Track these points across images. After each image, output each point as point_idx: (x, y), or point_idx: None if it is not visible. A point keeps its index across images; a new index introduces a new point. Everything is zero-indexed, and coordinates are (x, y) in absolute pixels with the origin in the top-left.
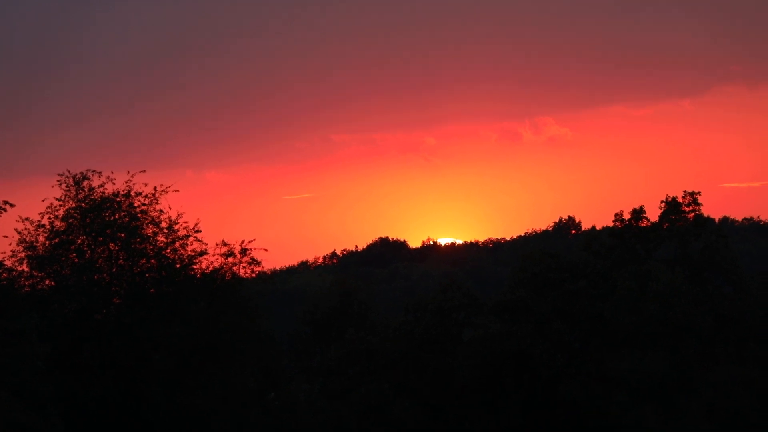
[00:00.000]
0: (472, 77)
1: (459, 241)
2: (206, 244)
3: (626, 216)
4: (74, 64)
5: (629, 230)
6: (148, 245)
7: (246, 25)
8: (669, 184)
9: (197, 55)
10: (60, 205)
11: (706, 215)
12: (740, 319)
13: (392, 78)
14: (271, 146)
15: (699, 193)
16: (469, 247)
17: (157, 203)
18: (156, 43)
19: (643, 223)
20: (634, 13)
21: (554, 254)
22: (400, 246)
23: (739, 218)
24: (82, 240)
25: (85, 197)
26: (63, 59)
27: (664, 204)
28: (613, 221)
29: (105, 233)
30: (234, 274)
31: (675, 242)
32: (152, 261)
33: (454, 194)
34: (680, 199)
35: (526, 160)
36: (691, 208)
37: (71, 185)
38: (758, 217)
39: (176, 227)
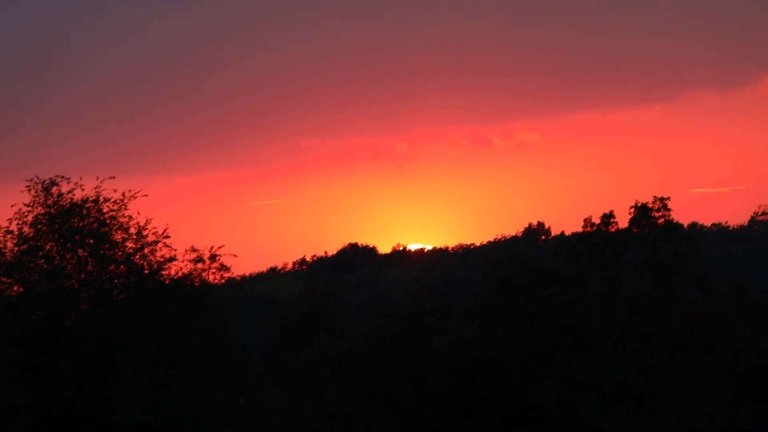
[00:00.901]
0: (443, 83)
1: (429, 247)
2: (175, 250)
3: (596, 221)
4: (43, 69)
5: (598, 235)
6: (117, 251)
7: (216, 33)
8: (638, 190)
9: (167, 62)
10: (28, 211)
11: (675, 221)
12: (709, 325)
13: (363, 83)
14: (242, 152)
15: (669, 198)
16: (439, 253)
17: (126, 209)
18: (126, 49)
19: (613, 229)
20: (604, 19)
21: (523, 259)
22: (370, 252)
23: (708, 224)
24: (50, 246)
25: (54, 203)
26: (32, 64)
27: (633, 209)
28: (583, 227)
29: (74, 239)
30: (203, 280)
31: (645, 248)
32: (121, 267)
33: (425, 200)
34: (650, 205)
35: (497, 166)
36: (661, 213)
37: (40, 191)
38: (726, 222)
39: (145, 233)
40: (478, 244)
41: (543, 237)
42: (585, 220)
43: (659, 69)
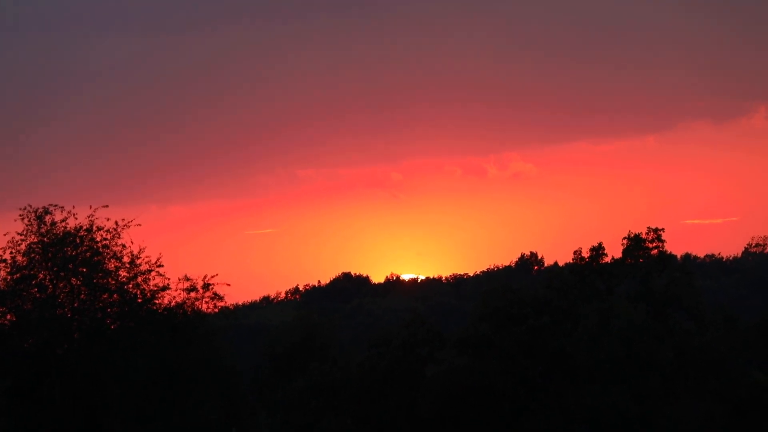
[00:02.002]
0: (438, 113)
1: (422, 277)
2: (168, 279)
3: (585, 254)
4: (38, 99)
5: (590, 267)
6: (110, 280)
7: (211, 64)
8: (632, 220)
9: (162, 93)
10: (22, 240)
11: (668, 252)
12: (702, 355)
13: (358, 113)
14: (236, 181)
15: (662, 229)
16: (432, 283)
17: (119, 238)
18: (121, 80)
19: (603, 260)
20: (599, 51)
21: (516, 289)
22: (363, 281)
23: (701, 255)
24: (44, 275)
25: (47, 232)
26: (25, 94)
27: (626, 240)
28: (573, 259)
29: (67, 268)
30: (196, 309)
31: (638, 278)
32: (114, 296)
33: (419, 229)
34: (644, 236)
35: (491, 196)
36: (654, 244)
37: (33, 220)
38: (720, 253)
39: (138, 262)
40: (471, 274)
41: (536, 267)
42: (575, 252)
43: (654, 100)
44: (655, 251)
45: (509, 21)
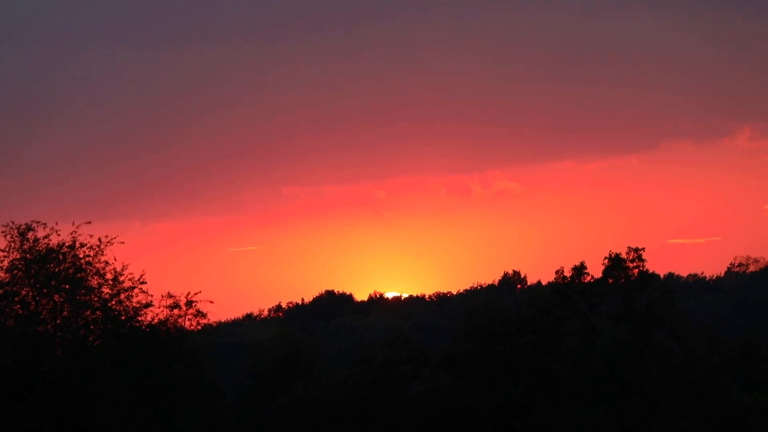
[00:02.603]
0: (423, 131)
1: (405, 295)
2: (152, 296)
3: (567, 273)
4: (21, 115)
5: (572, 286)
6: (93, 297)
7: (196, 81)
8: (616, 239)
9: (146, 110)
10: (4, 256)
11: (651, 271)
12: (685, 375)
13: (343, 131)
14: (221, 198)
15: (643, 249)
16: (416, 301)
17: (102, 254)
18: (104, 97)
19: (586, 279)
20: (583, 70)
21: (499, 308)
22: (347, 299)
23: (684, 274)
24: (26, 291)
25: (30, 248)
26: (8, 110)
27: (607, 260)
28: (555, 278)
29: (50, 285)
30: (179, 326)
31: (619, 298)
32: (97, 312)
33: (403, 247)
34: (624, 255)
35: (475, 214)
36: (635, 264)
37: (16, 236)
38: (703, 273)
39: (121, 279)
40: (454, 292)
41: (519, 286)
42: (557, 271)
43: (637, 120)
44: (635, 271)
45: (495, 40)
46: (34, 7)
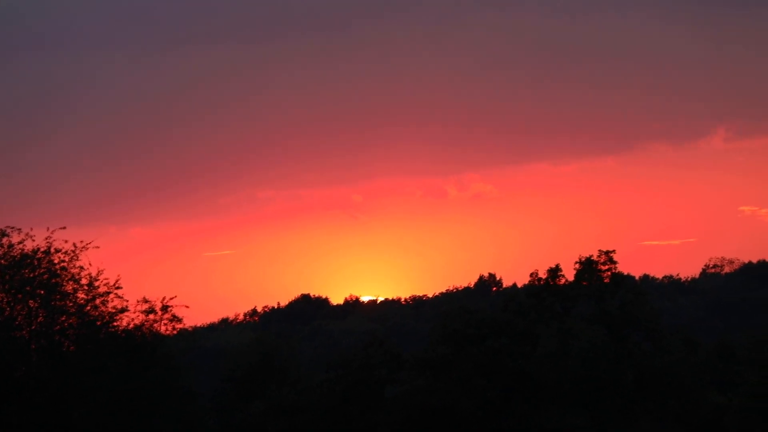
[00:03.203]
0: (399, 135)
1: (381, 298)
2: (127, 301)
3: (542, 275)
4: None
5: (547, 289)
6: (68, 302)
7: (172, 87)
8: (592, 241)
9: (121, 114)
10: None
11: (626, 273)
12: (661, 377)
13: (319, 135)
14: (197, 202)
15: (614, 251)
16: (392, 304)
17: (77, 260)
18: (81, 102)
19: (561, 281)
20: (558, 72)
21: (474, 310)
22: (322, 303)
23: (660, 276)
24: (1, 297)
25: (4, 254)
26: None
27: (579, 264)
28: (530, 281)
29: (24, 290)
30: (155, 331)
31: (593, 300)
32: (73, 318)
33: (379, 251)
34: (595, 258)
35: (451, 217)
36: (607, 266)
37: None
38: (678, 275)
39: (97, 284)
40: (430, 295)
41: (495, 288)
42: (531, 274)
43: (613, 122)
44: (608, 273)
45: (471, 43)
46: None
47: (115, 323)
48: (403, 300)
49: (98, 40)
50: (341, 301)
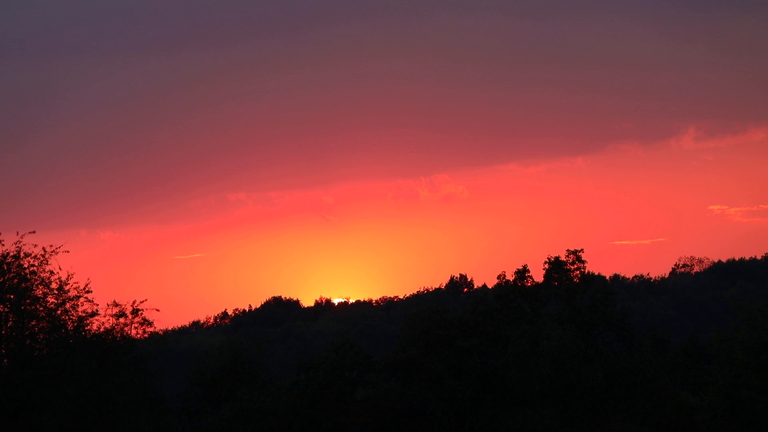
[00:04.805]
0: (370, 137)
1: (352, 300)
2: (97, 305)
3: (510, 276)
4: None
5: (515, 290)
6: (38, 306)
7: (143, 91)
8: (562, 241)
9: (91, 119)
10: None
11: (596, 273)
12: (630, 377)
13: (290, 138)
14: (168, 206)
15: (582, 251)
16: (363, 306)
17: (47, 264)
18: (46, 106)
19: (529, 283)
20: (528, 73)
21: (442, 311)
22: (293, 305)
23: (630, 275)
24: None
25: None
26: None
27: (547, 264)
28: (497, 282)
29: None
30: (125, 335)
31: (562, 300)
32: (43, 322)
33: (350, 253)
34: (564, 258)
35: (423, 218)
36: (575, 266)
37: None
38: (648, 274)
39: (66, 288)
40: (401, 296)
41: (466, 289)
42: (499, 276)
43: (583, 122)
44: (576, 272)
45: (439, 45)
46: None
47: (85, 327)
48: (374, 302)
49: (68, 46)
50: (312, 303)
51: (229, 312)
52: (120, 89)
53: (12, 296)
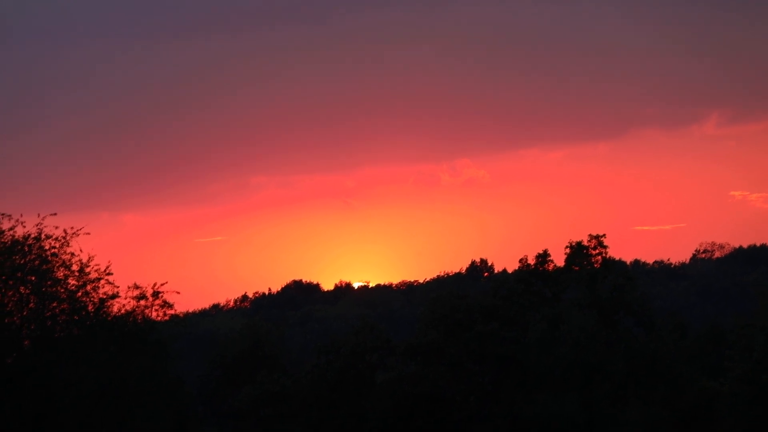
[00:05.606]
0: (392, 122)
1: (372, 284)
2: (118, 287)
3: (531, 261)
4: None
5: (536, 274)
6: (59, 288)
7: (166, 74)
8: (583, 226)
9: (115, 101)
10: None
11: (617, 258)
12: (651, 362)
13: (313, 122)
14: (189, 189)
15: (604, 236)
16: (383, 290)
17: (68, 246)
18: (74, 90)
19: (550, 267)
20: (550, 59)
21: (463, 295)
22: (314, 288)
23: (650, 261)
24: None
25: None
26: None
27: (569, 248)
28: (519, 267)
29: (15, 276)
30: (146, 317)
31: (583, 285)
32: (64, 304)
33: (371, 237)
34: (585, 243)
35: (444, 203)
36: (597, 251)
37: None
38: (669, 260)
39: (87, 270)
40: (422, 280)
41: (486, 274)
42: (520, 260)
43: (605, 107)
44: (598, 258)
45: (461, 31)
46: None
47: (106, 309)
48: (394, 285)
49: (95, 29)
50: (332, 287)
51: (249, 295)
52: (144, 73)
53: (33, 278)
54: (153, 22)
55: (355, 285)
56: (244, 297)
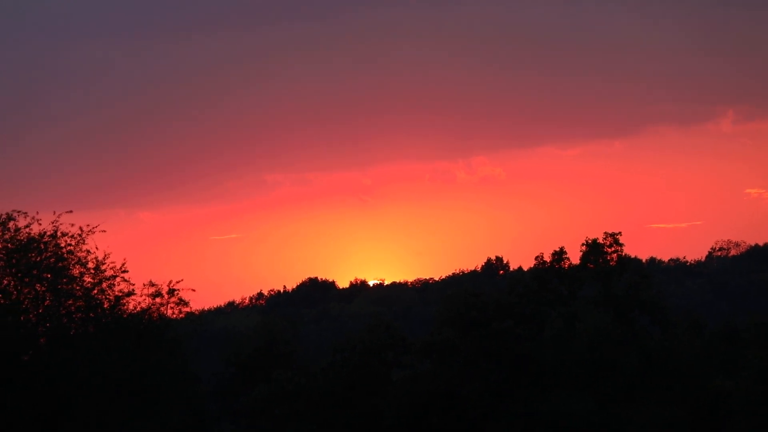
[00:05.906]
0: (408, 120)
1: (388, 282)
2: (133, 285)
3: (547, 258)
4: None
5: (551, 272)
6: (75, 285)
7: (182, 72)
8: (598, 224)
9: (130, 99)
10: None
11: (632, 256)
12: (666, 360)
13: (329, 120)
14: (205, 187)
15: (620, 233)
16: (398, 288)
17: (84, 243)
18: (86, 88)
19: (566, 264)
20: (566, 57)
21: (478, 293)
22: (329, 286)
23: (666, 259)
24: (8, 281)
25: (11, 238)
26: None
27: (585, 246)
28: (535, 264)
29: (31, 274)
30: (161, 315)
31: (599, 283)
32: (79, 302)
33: (387, 234)
34: (601, 241)
35: (460, 200)
36: (613, 249)
37: None
38: (684, 257)
39: (103, 267)
40: (437, 278)
41: (502, 272)
42: (536, 257)
43: (621, 105)
44: (614, 255)
45: (479, 30)
46: None
47: (121, 307)
48: (409, 283)
49: (108, 27)
50: (348, 285)
51: (265, 293)
52: (161, 69)
53: (49, 275)
54: (168, 20)
55: (371, 283)
56: (260, 294)
